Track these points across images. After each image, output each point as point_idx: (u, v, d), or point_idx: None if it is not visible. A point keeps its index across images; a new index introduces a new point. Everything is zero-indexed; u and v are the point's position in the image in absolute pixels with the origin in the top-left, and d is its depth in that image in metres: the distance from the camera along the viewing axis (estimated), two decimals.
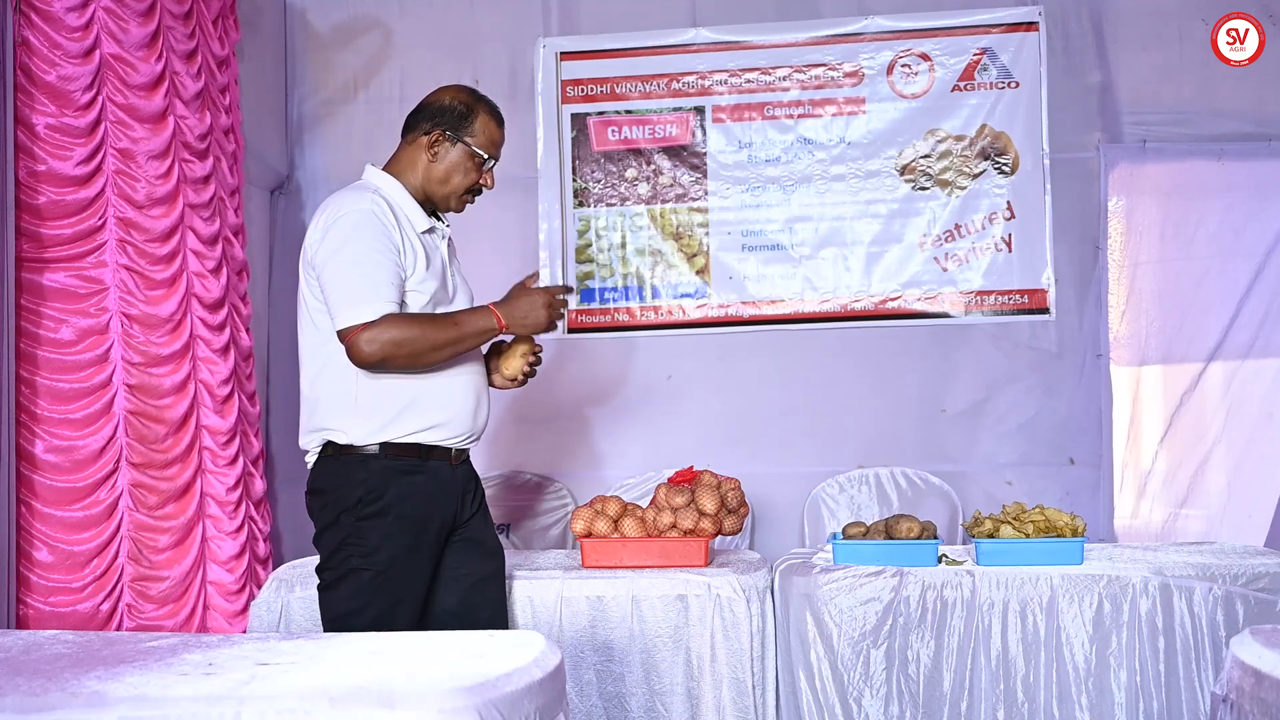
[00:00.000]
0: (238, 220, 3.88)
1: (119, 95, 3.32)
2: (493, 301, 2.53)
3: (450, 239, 2.67)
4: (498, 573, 2.72)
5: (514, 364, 2.66)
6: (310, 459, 2.54)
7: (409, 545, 2.48)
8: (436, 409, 2.51)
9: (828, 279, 4.37)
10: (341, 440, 2.47)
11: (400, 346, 2.36)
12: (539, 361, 2.68)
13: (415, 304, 2.47)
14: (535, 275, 2.63)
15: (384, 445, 2.46)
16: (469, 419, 2.57)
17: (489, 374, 2.70)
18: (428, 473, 2.51)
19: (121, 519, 3.30)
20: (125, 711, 1.60)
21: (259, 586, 3.61)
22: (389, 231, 2.43)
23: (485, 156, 2.59)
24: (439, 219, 2.65)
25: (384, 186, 2.54)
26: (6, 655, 1.91)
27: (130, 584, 3.34)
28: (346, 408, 2.46)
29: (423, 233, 2.53)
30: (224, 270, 3.71)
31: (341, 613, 2.45)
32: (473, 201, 2.65)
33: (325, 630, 2.47)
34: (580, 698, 2.99)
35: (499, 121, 2.62)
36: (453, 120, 2.56)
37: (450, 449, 2.55)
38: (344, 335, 2.37)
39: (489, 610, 2.65)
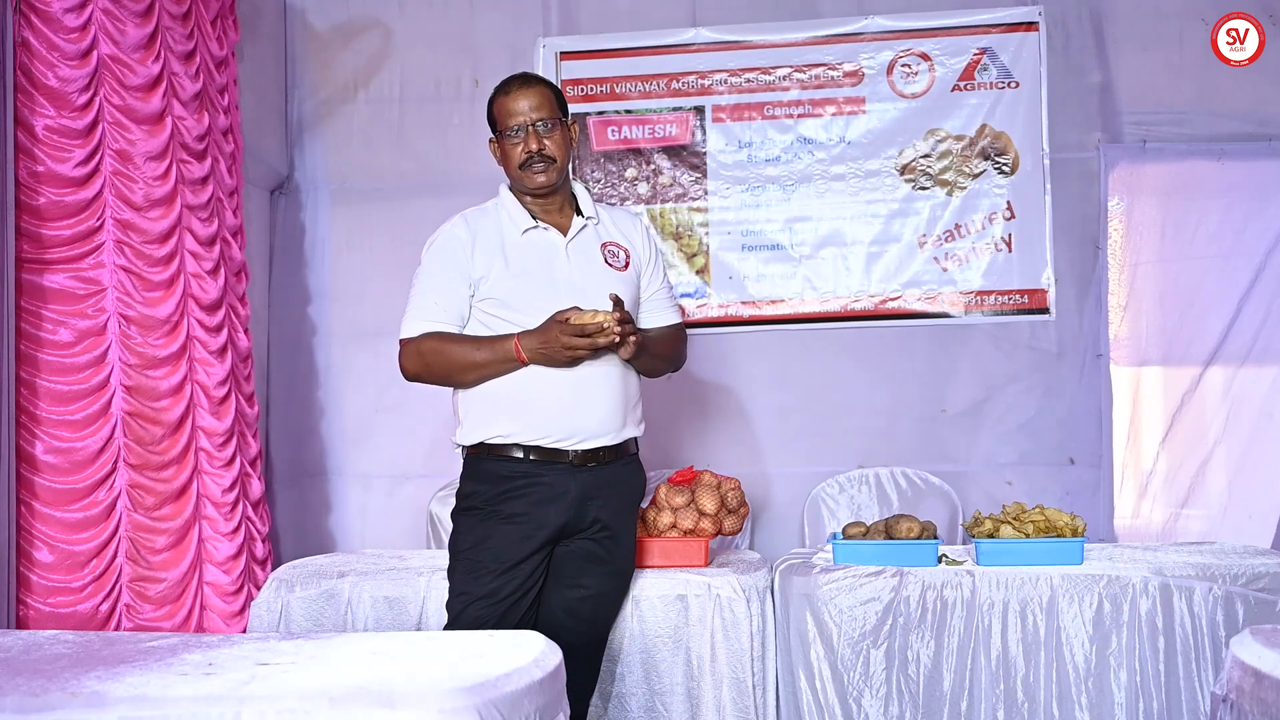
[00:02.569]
0: (236, 221, 3.88)
1: (116, 96, 3.31)
2: (523, 330, 2.49)
3: (611, 226, 2.69)
4: (615, 592, 2.73)
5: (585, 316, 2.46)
6: (458, 456, 2.68)
7: (500, 547, 2.53)
8: (522, 411, 2.53)
9: (828, 279, 4.37)
10: (457, 441, 2.63)
11: (429, 365, 2.54)
12: (624, 320, 2.45)
13: (489, 307, 2.54)
14: (576, 309, 2.46)
15: (487, 446, 2.56)
16: (564, 418, 2.52)
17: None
18: (529, 474, 2.53)
19: (120, 520, 3.30)
20: (125, 711, 1.60)
21: (257, 587, 3.61)
22: (457, 253, 2.54)
23: (505, 127, 2.58)
24: (580, 213, 2.65)
25: (500, 198, 2.66)
26: (6, 655, 1.91)
27: (128, 584, 3.34)
28: (455, 411, 2.63)
29: (523, 233, 2.58)
30: (222, 271, 3.71)
31: (450, 600, 2.58)
32: (543, 171, 2.57)
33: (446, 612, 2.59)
34: None
35: (507, 90, 2.60)
36: (490, 126, 2.66)
37: (565, 450, 2.53)
38: (399, 349, 2.58)
39: (591, 627, 2.67)
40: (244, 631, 3.40)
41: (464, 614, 2.53)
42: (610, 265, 2.64)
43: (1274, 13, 4.15)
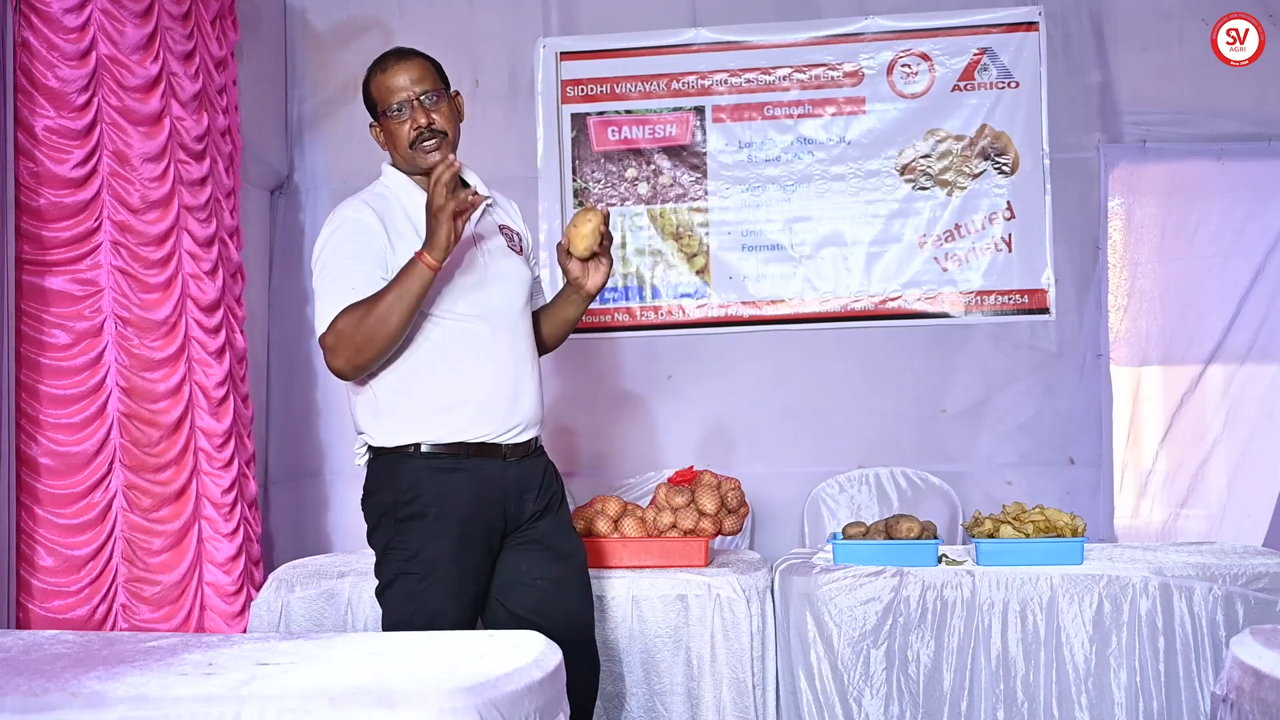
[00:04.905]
0: (233, 222, 3.87)
1: (114, 97, 3.30)
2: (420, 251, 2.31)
3: (502, 211, 2.57)
4: (570, 576, 2.54)
5: (582, 237, 2.43)
6: (359, 463, 2.51)
7: (452, 547, 2.39)
8: (461, 404, 2.40)
9: (828, 279, 4.37)
10: (375, 443, 2.45)
11: (350, 337, 2.28)
12: (608, 236, 2.45)
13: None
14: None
15: (417, 445, 2.41)
16: (503, 410, 2.43)
17: (565, 271, 2.53)
18: (468, 470, 2.41)
19: (116, 522, 3.29)
20: (125, 711, 1.60)
21: (255, 588, 3.61)
22: (371, 238, 2.37)
23: (387, 106, 2.42)
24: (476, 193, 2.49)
25: (388, 180, 2.51)
26: (6, 655, 1.91)
27: (125, 585, 3.33)
28: (371, 410, 2.44)
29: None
30: (219, 272, 3.70)
31: (396, 619, 2.40)
32: (436, 146, 2.42)
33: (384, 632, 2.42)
34: None
35: (385, 68, 2.44)
36: (369, 110, 2.51)
37: (498, 445, 2.43)
38: (322, 349, 2.36)
39: (564, 618, 2.48)
40: (244, 632, 3.40)
41: (422, 624, 2.34)
42: (511, 249, 2.54)
43: (1274, 13, 4.15)
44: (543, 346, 2.68)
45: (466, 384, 2.41)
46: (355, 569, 3.22)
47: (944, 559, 3.12)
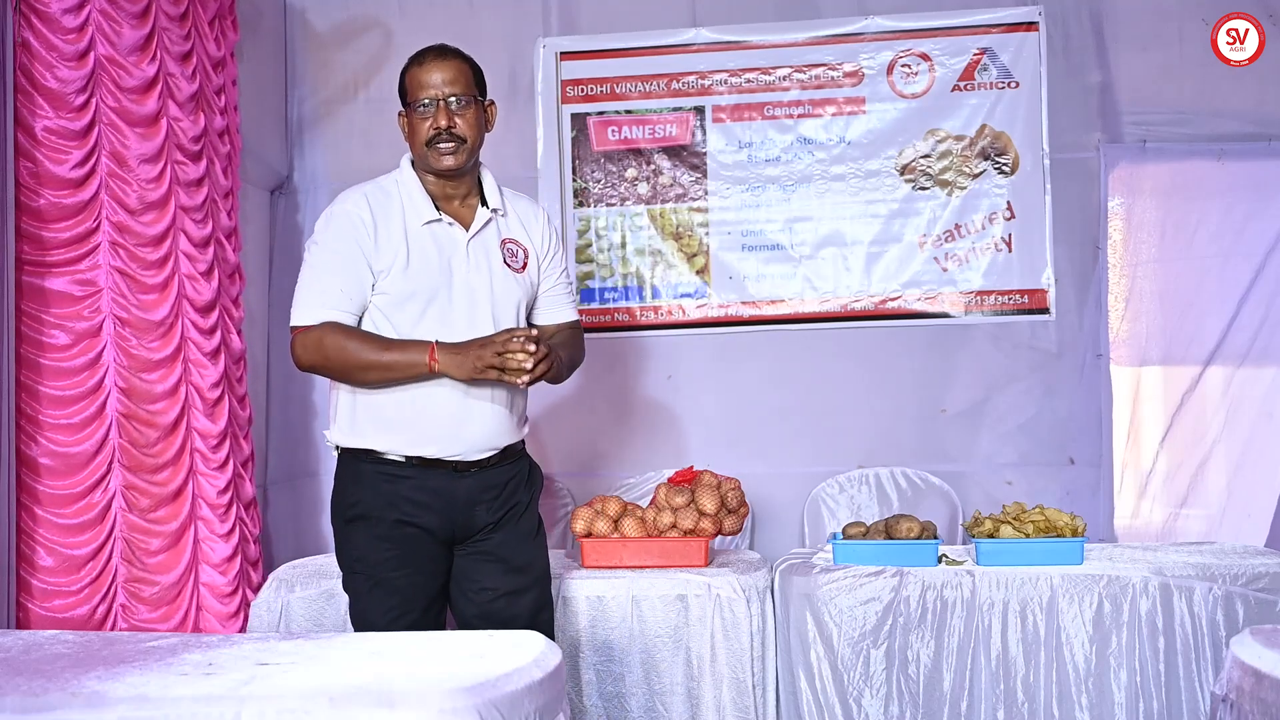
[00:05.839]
0: (231, 223, 3.86)
1: (111, 98, 3.30)
2: (442, 341, 2.35)
3: (516, 222, 2.54)
4: (524, 588, 2.51)
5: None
6: (333, 454, 2.55)
7: (394, 553, 2.40)
8: (410, 426, 2.39)
9: (828, 279, 4.37)
10: (332, 440, 2.50)
11: (328, 359, 2.36)
12: (533, 356, 2.29)
13: (380, 303, 2.39)
14: (510, 335, 2.30)
15: (368, 451, 2.43)
16: (447, 435, 2.40)
17: None
18: (414, 479, 2.41)
19: (115, 522, 3.29)
20: (125, 711, 1.60)
21: (251, 589, 3.61)
22: (360, 236, 2.37)
23: (415, 99, 2.43)
24: (484, 204, 2.49)
25: (401, 175, 2.51)
26: (6, 655, 1.91)
27: (124, 585, 3.33)
28: (335, 408, 2.49)
29: (424, 224, 2.43)
30: (216, 273, 3.69)
31: (355, 618, 2.46)
32: (451, 151, 2.42)
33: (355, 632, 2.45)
34: (580, 698, 2.99)
35: (421, 61, 2.44)
36: (400, 95, 2.51)
37: (448, 460, 2.42)
38: (291, 335, 2.40)
39: (513, 626, 2.42)
40: (241, 632, 3.40)
41: (375, 626, 2.38)
42: (509, 266, 2.49)
43: (1274, 13, 4.14)
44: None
45: (413, 406, 2.40)
46: None
47: (944, 559, 3.12)
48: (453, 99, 2.42)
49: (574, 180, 4.46)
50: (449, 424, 2.41)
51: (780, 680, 3.03)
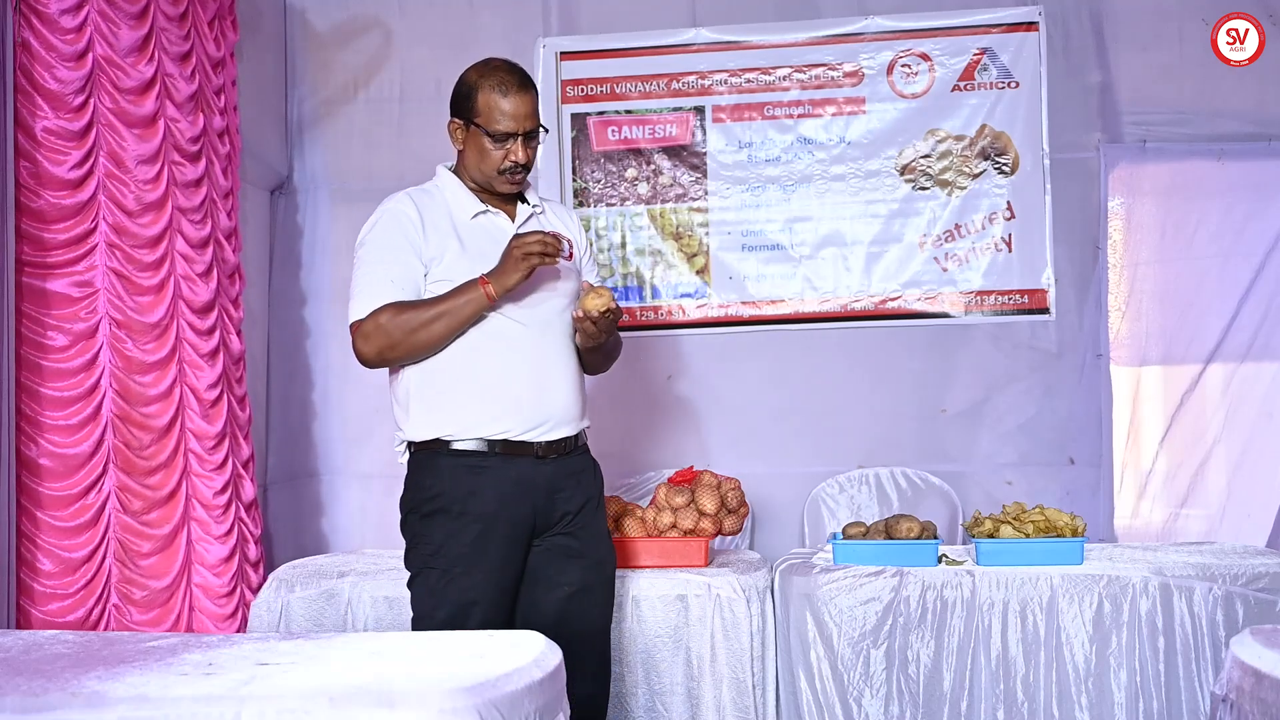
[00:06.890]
0: (230, 223, 3.85)
1: (109, 99, 3.30)
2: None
3: (555, 218, 2.59)
4: (596, 585, 2.53)
5: (590, 300, 2.42)
6: (401, 461, 2.54)
7: (474, 545, 2.40)
8: (492, 400, 2.40)
9: (828, 279, 4.37)
10: (406, 437, 2.49)
11: (389, 335, 2.36)
12: (615, 313, 2.42)
13: (437, 290, 2.41)
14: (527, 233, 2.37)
15: (445, 442, 2.43)
16: (527, 406, 2.42)
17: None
18: (495, 469, 2.41)
19: (109, 523, 3.28)
20: (125, 711, 1.60)
21: (251, 590, 3.61)
22: (407, 229, 2.42)
23: (493, 129, 2.42)
24: (524, 200, 2.55)
25: (439, 180, 2.54)
26: (6, 655, 1.91)
27: (117, 587, 3.32)
28: (402, 405, 2.48)
29: (473, 217, 2.47)
30: (214, 274, 3.68)
31: (418, 613, 2.44)
32: (519, 180, 2.48)
33: (412, 629, 2.44)
34: None
35: (506, 91, 2.41)
36: (460, 104, 2.48)
37: (528, 442, 2.43)
38: (351, 335, 2.42)
39: (583, 625, 2.49)
40: (239, 632, 3.40)
41: (446, 623, 2.37)
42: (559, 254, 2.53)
43: (1274, 13, 4.15)
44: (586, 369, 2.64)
45: (489, 379, 2.42)
46: (355, 569, 3.22)
47: (944, 559, 3.12)
48: (531, 133, 2.45)
49: (574, 180, 4.46)
50: (528, 391, 2.42)
51: (780, 680, 3.03)
